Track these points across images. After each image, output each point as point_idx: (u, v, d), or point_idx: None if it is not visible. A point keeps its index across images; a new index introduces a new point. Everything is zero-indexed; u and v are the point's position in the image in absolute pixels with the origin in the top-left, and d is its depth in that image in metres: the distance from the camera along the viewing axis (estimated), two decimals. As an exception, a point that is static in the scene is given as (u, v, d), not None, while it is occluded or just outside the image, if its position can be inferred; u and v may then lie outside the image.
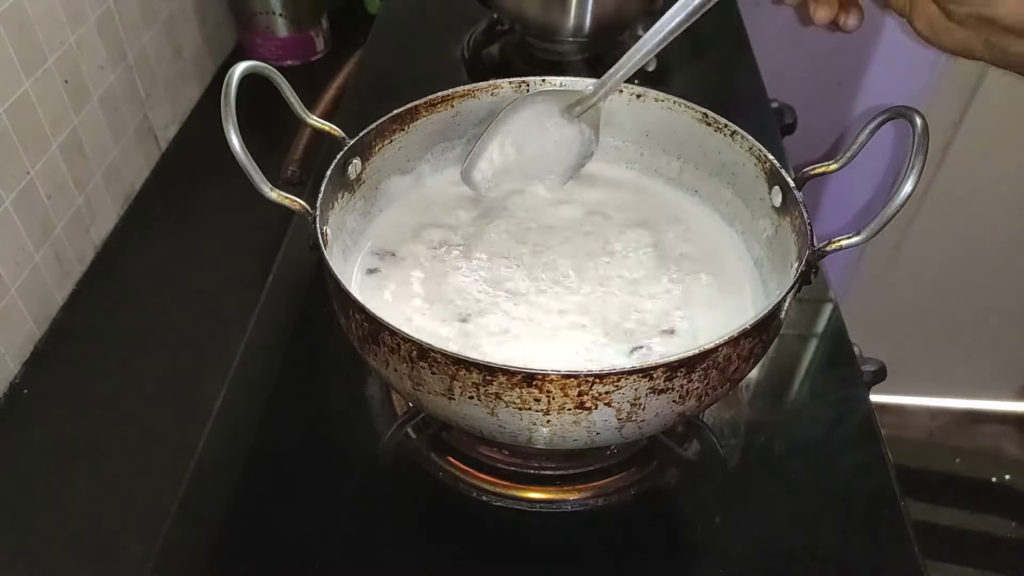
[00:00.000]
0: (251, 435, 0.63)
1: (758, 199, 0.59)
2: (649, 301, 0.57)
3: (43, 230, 0.83)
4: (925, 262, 1.48)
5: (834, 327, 0.72)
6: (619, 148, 0.68)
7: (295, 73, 1.05)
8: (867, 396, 0.66)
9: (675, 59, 1.05)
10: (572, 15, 0.95)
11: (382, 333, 0.45)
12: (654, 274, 0.60)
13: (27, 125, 0.79)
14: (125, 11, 0.96)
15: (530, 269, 0.59)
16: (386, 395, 0.65)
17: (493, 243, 0.62)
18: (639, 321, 0.56)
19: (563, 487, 0.59)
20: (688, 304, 0.57)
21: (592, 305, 0.57)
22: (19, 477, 0.72)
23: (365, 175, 0.61)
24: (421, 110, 0.63)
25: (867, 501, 0.59)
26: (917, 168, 0.45)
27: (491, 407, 0.45)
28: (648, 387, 0.44)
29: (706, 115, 0.62)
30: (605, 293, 0.58)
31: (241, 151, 0.46)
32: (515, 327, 0.55)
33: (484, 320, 0.55)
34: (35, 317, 0.82)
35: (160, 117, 1.07)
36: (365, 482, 0.60)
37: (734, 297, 0.58)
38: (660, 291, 0.58)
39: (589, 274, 0.59)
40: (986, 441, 1.70)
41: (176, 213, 1.01)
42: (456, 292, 0.57)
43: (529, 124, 0.63)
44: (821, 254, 0.49)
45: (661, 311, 0.57)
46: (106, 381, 0.81)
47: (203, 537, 0.57)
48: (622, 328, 0.55)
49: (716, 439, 0.60)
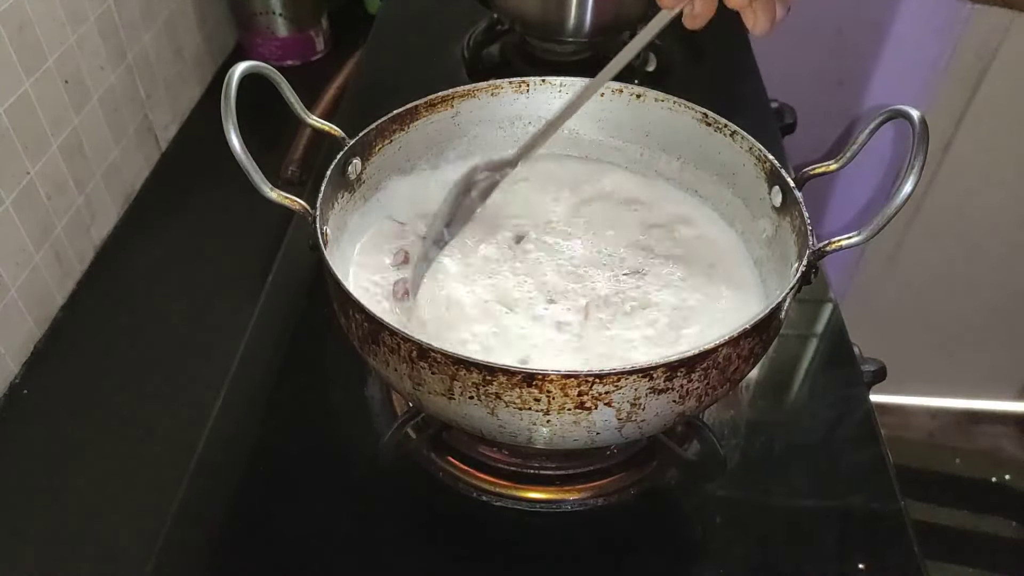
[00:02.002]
0: (251, 435, 0.63)
1: (758, 199, 0.59)
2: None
3: (43, 230, 0.83)
4: (925, 262, 1.48)
5: (834, 327, 0.72)
6: (619, 148, 0.68)
7: (295, 73, 1.05)
8: (867, 396, 0.66)
9: (675, 59, 1.05)
10: (572, 15, 0.95)
11: (382, 333, 0.45)
12: (654, 275, 0.60)
13: (27, 125, 0.79)
14: (125, 11, 0.96)
15: (528, 270, 0.59)
16: (386, 395, 0.65)
17: (490, 244, 0.61)
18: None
19: (563, 487, 0.59)
20: (688, 304, 0.57)
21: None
22: (19, 477, 0.72)
23: (365, 175, 0.61)
24: (421, 110, 0.63)
25: (867, 501, 0.59)
26: (917, 168, 0.45)
27: (491, 407, 0.45)
28: (648, 387, 0.44)
29: (706, 115, 0.62)
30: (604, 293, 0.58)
31: (241, 151, 0.47)
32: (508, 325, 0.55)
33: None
34: (35, 317, 0.82)
35: (160, 117, 1.07)
36: (365, 482, 0.60)
37: (734, 297, 0.58)
38: (660, 291, 0.58)
39: (588, 275, 0.59)
40: (986, 441, 1.70)
41: (176, 213, 1.01)
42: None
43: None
44: (821, 254, 0.49)
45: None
46: (106, 381, 0.81)
47: (203, 537, 0.57)
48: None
49: (716, 439, 0.60)
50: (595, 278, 0.59)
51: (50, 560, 0.66)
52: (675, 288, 0.58)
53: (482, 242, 0.61)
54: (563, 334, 0.55)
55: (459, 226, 0.59)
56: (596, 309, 0.56)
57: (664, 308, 0.57)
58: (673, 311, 0.57)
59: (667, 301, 0.57)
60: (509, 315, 0.56)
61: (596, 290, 0.58)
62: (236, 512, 0.58)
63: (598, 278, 0.59)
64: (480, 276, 0.59)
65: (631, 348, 0.54)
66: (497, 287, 0.58)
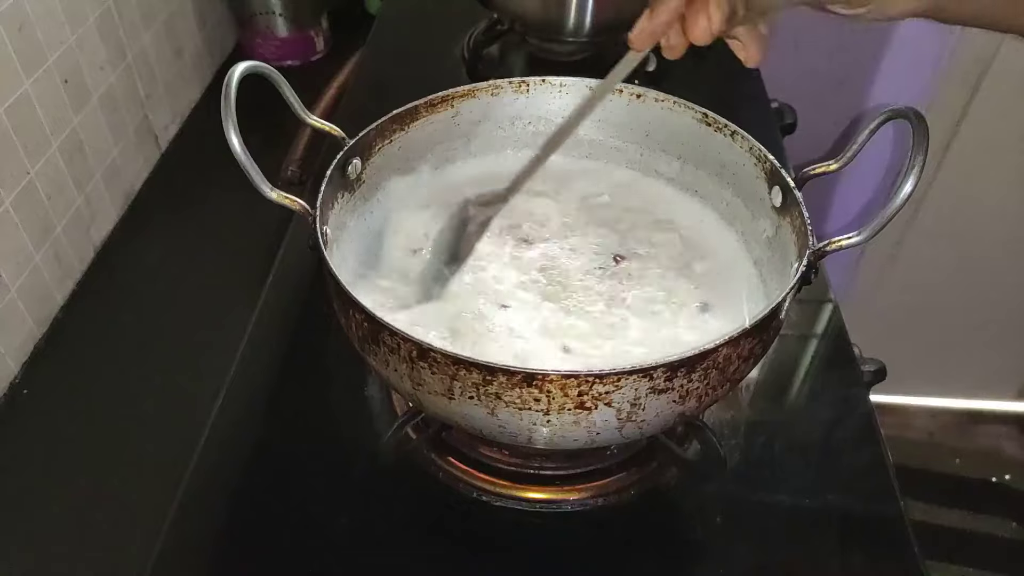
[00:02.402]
0: (251, 435, 0.63)
1: (758, 199, 0.59)
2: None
3: (43, 230, 0.83)
4: (925, 262, 1.48)
5: (834, 327, 0.72)
6: (619, 148, 0.68)
7: (295, 73, 1.05)
8: (867, 396, 0.66)
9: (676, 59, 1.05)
10: (572, 15, 0.95)
11: (382, 333, 0.45)
12: (652, 275, 0.60)
13: (27, 125, 0.79)
14: (125, 11, 0.96)
15: (527, 270, 0.59)
16: (386, 395, 0.65)
17: (491, 245, 0.61)
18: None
19: (563, 487, 0.59)
20: (687, 305, 0.57)
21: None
22: (19, 477, 0.72)
23: (365, 175, 0.60)
24: (421, 110, 0.63)
25: (867, 501, 0.59)
26: (917, 168, 0.45)
27: (491, 407, 0.45)
28: (648, 387, 0.44)
29: (706, 115, 0.62)
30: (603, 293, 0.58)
31: (241, 151, 0.47)
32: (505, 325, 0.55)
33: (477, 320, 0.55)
34: (35, 317, 0.82)
35: (160, 117, 1.07)
36: (365, 482, 0.60)
37: (734, 297, 0.58)
38: (658, 292, 0.58)
39: (587, 275, 0.59)
40: (986, 441, 1.70)
41: (176, 213, 1.01)
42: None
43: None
44: (821, 254, 0.49)
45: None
46: (106, 381, 0.81)
47: (203, 537, 0.57)
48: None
49: (716, 439, 0.59)
50: (591, 278, 0.59)
51: (50, 560, 0.66)
52: (674, 288, 0.58)
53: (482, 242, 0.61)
54: (557, 334, 0.54)
55: (459, 263, 0.57)
56: (593, 308, 0.56)
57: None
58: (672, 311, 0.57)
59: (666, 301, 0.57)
60: (502, 312, 0.56)
61: (592, 290, 0.58)
62: (236, 512, 0.58)
63: (594, 278, 0.59)
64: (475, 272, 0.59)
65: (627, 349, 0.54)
66: (492, 284, 0.58)
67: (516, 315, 0.56)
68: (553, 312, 0.56)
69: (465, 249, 0.57)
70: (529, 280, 0.59)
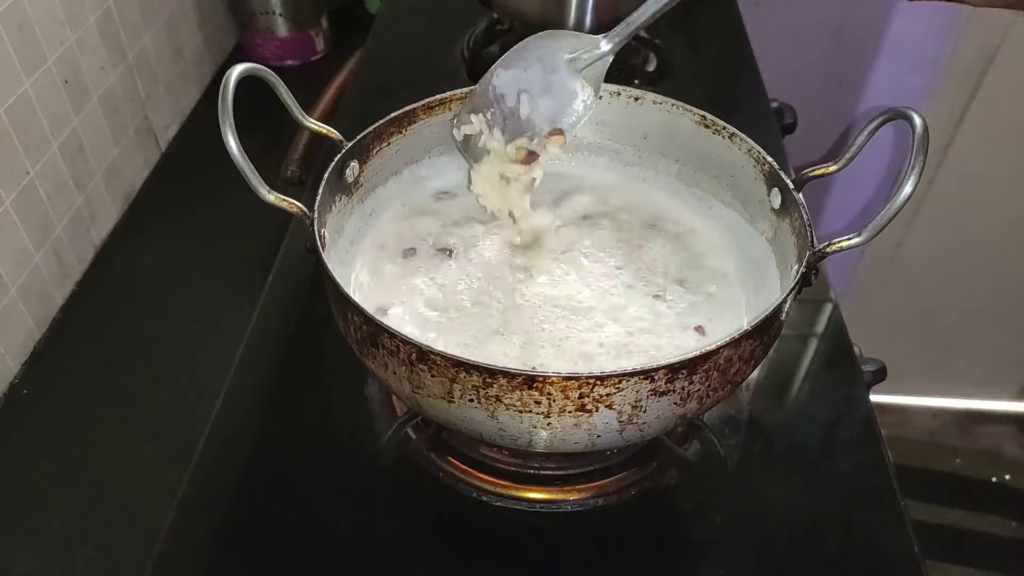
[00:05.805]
0: (251, 435, 0.63)
1: (757, 201, 0.59)
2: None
3: (43, 230, 0.83)
4: (925, 262, 1.48)
5: (834, 327, 0.72)
6: (618, 151, 0.68)
7: (295, 73, 1.06)
8: (867, 396, 0.66)
9: (675, 59, 1.05)
10: (572, 14, 0.95)
11: (381, 335, 0.45)
12: (651, 276, 0.59)
13: (27, 125, 0.79)
14: (125, 11, 0.96)
15: (526, 271, 0.59)
16: (386, 395, 0.65)
17: (489, 246, 0.61)
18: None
19: (563, 487, 0.59)
20: (686, 306, 0.57)
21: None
22: (19, 477, 0.72)
23: (363, 178, 0.60)
24: (419, 113, 0.62)
25: (867, 501, 0.59)
26: (917, 169, 0.45)
27: (491, 410, 0.45)
28: (649, 389, 0.44)
29: (704, 117, 0.62)
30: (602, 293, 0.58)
31: (238, 154, 0.46)
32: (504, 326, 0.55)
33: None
34: (35, 317, 0.82)
35: (160, 117, 1.07)
36: (365, 482, 0.60)
37: (734, 299, 0.58)
38: (657, 292, 0.58)
39: (586, 276, 0.59)
40: (986, 441, 1.70)
41: (176, 213, 1.01)
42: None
43: (530, 69, 0.59)
44: (821, 255, 0.49)
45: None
46: (106, 381, 0.81)
47: (203, 537, 0.57)
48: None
49: (716, 439, 0.59)
50: (590, 279, 0.59)
51: (50, 560, 0.66)
52: (673, 290, 0.58)
53: (479, 244, 0.61)
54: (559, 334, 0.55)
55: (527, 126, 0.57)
56: (592, 308, 0.56)
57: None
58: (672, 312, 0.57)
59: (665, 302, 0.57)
60: (506, 314, 0.56)
61: (591, 291, 0.58)
62: (236, 512, 0.58)
63: (593, 279, 0.59)
64: (477, 272, 0.59)
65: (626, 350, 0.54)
66: (488, 280, 0.58)
67: (506, 320, 0.56)
68: (550, 312, 0.56)
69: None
70: (520, 283, 0.58)
